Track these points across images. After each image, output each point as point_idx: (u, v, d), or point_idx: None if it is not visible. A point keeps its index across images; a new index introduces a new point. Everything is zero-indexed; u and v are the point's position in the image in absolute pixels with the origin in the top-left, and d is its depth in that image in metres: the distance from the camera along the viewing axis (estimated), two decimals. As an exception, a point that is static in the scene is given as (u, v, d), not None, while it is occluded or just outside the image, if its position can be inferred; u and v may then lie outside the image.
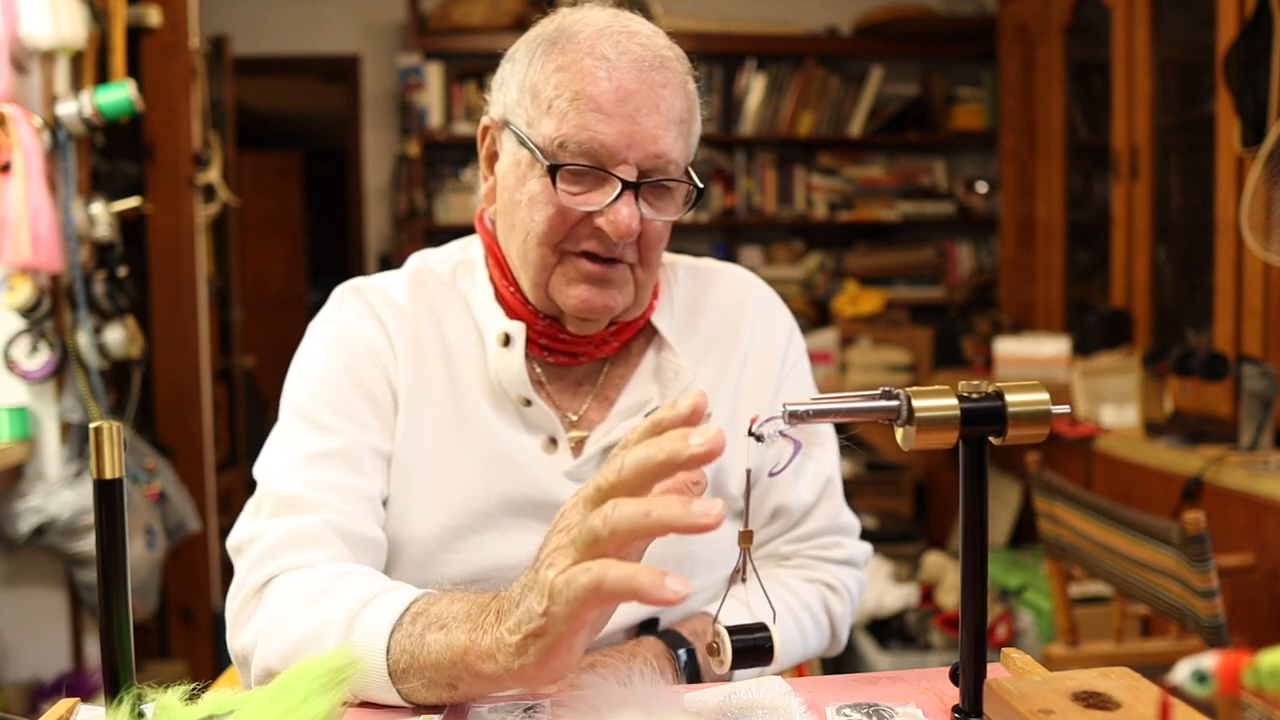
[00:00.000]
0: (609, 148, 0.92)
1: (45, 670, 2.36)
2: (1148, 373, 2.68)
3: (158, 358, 2.95)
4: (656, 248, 0.99)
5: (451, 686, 0.74)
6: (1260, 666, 0.45)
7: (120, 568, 0.70)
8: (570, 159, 0.93)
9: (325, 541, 0.92)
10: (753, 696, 0.77)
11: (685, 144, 0.98)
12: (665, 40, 0.98)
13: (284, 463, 0.97)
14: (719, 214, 4.40)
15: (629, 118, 0.92)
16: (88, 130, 2.21)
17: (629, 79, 0.92)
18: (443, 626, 0.74)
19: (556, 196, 0.94)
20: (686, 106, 0.97)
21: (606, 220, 0.93)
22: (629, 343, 1.09)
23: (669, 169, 0.95)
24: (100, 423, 0.68)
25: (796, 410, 0.67)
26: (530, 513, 1.01)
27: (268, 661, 0.85)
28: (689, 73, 1.00)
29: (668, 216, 0.98)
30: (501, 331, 1.01)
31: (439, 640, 0.73)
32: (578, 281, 0.97)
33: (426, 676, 0.75)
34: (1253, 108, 2.41)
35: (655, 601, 0.59)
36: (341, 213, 5.62)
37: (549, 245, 0.97)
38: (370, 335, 1.03)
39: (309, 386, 1.01)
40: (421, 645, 0.75)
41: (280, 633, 0.85)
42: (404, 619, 0.78)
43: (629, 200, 0.93)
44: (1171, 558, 1.80)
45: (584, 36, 0.93)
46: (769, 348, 1.12)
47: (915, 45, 4.37)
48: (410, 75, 4.16)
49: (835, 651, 1.15)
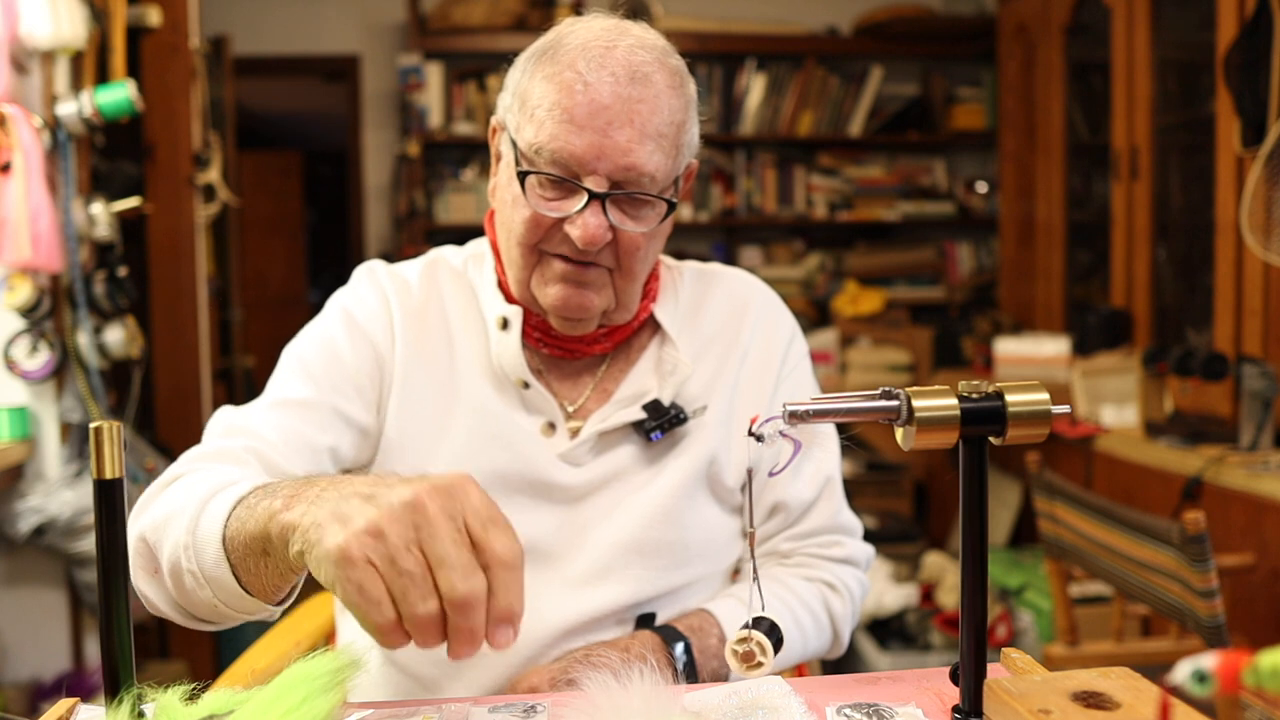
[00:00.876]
0: (578, 159, 0.96)
1: (45, 670, 2.36)
2: (1148, 373, 2.68)
3: (158, 358, 2.95)
4: (634, 255, 1.01)
5: (264, 554, 0.76)
6: (1260, 666, 0.45)
7: (120, 568, 0.70)
8: (543, 166, 0.97)
9: (244, 462, 0.95)
10: (753, 696, 0.77)
11: (664, 158, 0.98)
12: (653, 53, 0.99)
13: (254, 403, 1.04)
14: (719, 214, 4.40)
15: (600, 131, 0.95)
16: (88, 130, 2.21)
17: (603, 93, 0.95)
18: (272, 494, 0.76)
19: (530, 201, 0.99)
20: (668, 120, 0.98)
21: (574, 227, 0.97)
22: (631, 338, 1.12)
23: (642, 181, 0.97)
24: (100, 423, 0.68)
25: (796, 410, 0.67)
26: (524, 490, 1.04)
27: (140, 528, 0.88)
28: (679, 82, 1.01)
29: (641, 227, 1.00)
30: (500, 315, 1.06)
31: (265, 506, 0.75)
32: (554, 281, 1.01)
33: (246, 543, 0.77)
34: (1253, 108, 2.41)
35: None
36: (341, 213, 5.63)
37: (527, 245, 1.01)
38: (374, 308, 1.08)
39: (306, 342, 1.08)
40: (252, 512, 0.77)
41: (159, 505, 0.88)
42: (251, 494, 0.80)
43: (596, 210, 0.96)
44: (1171, 558, 1.80)
45: (569, 48, 0.97)
46: (769, 346, 1.14)
47: (915, 45, 4.37)
48: (410, 75, 4.16)
49: (837, 653, 1.15)
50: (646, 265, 1.04)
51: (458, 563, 0.63)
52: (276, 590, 0.80)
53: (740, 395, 1.11)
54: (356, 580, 0.62)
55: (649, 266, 1.06)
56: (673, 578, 1.06)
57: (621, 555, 1.04)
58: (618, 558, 1.04)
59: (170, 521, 0.85)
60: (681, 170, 1.04)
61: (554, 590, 1.03)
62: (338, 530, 0.64)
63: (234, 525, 0.79)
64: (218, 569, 0.80)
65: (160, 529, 0.86)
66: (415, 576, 0.62)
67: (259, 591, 0.80)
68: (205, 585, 0.81)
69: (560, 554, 1.04)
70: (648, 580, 1.04)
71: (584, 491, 1.05)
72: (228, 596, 0.81)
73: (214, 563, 0.80)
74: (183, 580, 0.82)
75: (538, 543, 1.03)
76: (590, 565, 1.04)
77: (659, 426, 1.05)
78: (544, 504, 1.05)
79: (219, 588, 0.81)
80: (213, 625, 0.89)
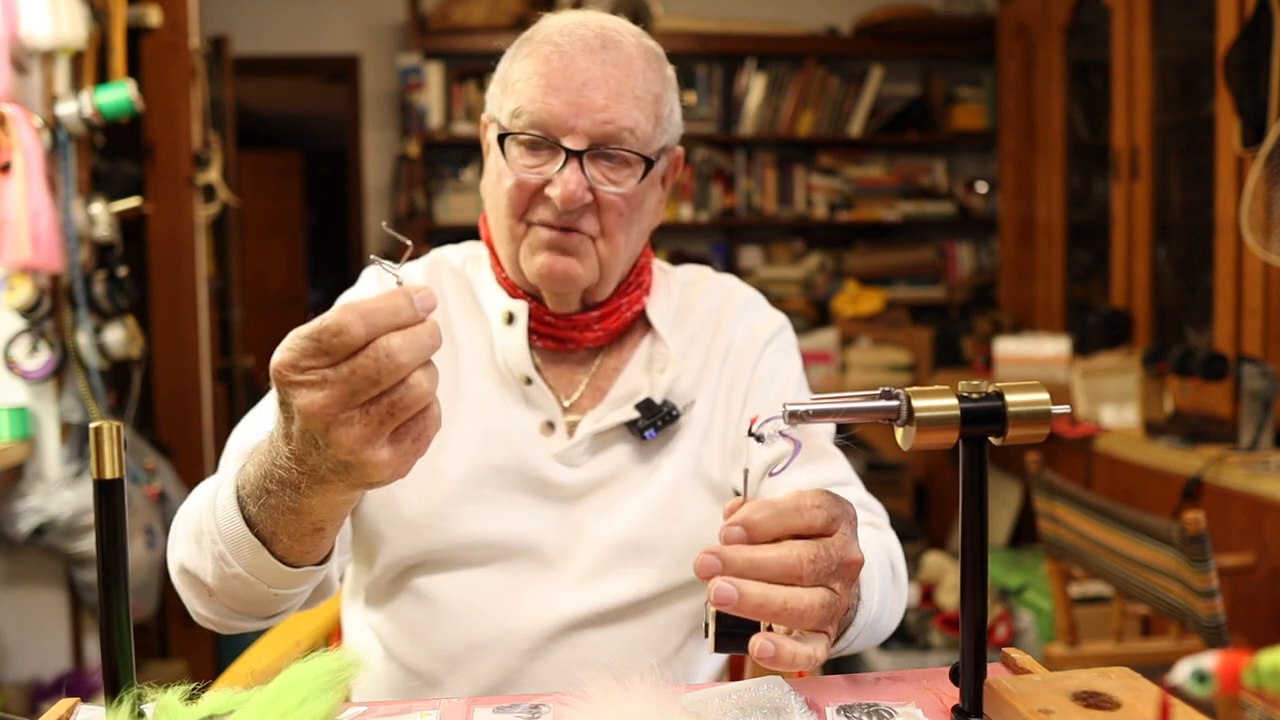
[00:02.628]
0: (557, 117, 0.98)
1: (45, 670, 2.36)
2: (1148, 373, 2.68)
3: (158, 358, 2.95)
4: (616, 220, 1.03)
5: (267, 492, 0.75)
6: (1260, 666, 0.45)
7: (120, 568, 0.70)
8: (522, 129, 1.00)
9: None
10: (753, 696, 0.77)
11: (643, 116, 1.01)
12: (627, 30, 1.04)
13: (264, 405, 1.05)
14: (719, 214, 4.40)
15: (576, 90, 0.98)
16: (88, 130, 2.21)
17: (578, 58, 0.99)
18: (247, 455, 0.79)
19: (512, 168, 1.01)
20: (645, 86, 1.02)
21: (553, 187, 0.99)
22: (624, 336, 1.12)
23: (622, 137, 1.00)
24: (100, 423, 0.68)
25: (796, 410, 0.67)
26: (521, 487, 1.05)
27: (178, 559, 0.89)
28: (652, 59, 1.04)
29: (620, 188, 1.02)
30: (506, 310, 1.07)
31: (247, 464, 0.78)
32: (539, 249, 1.03)
33: (253, 487, 0.76)
34: (1253, 108, 2.41)
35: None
36: (341, 213, 5.62)
37: (514, 216, 1.03)
38: None
39: None
40: (245, 475, 0.78)
41: (183, 532, 0.89)
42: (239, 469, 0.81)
43: (574, 168, 0.99)
44: (1171, 558, 1.80)
45: (545, 29, 1.03)
46: (752, 337, 1.14)
47: (915, 45, 4.37)
48: (410, 75, 4.16)
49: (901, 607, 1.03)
50: (629, 235, 1.05)
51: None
52: (310, 545, 0.79)
53: (723, 387, 1.11)
54: (309, 381, 0.65)
55: (632, 238, 1.06)
56: (671, 575, 1.06)
57: (620, 553, 1.04)
58: (616, 556, 1.04)
59: (199, 540, 0.85)
60: (663, 142, 1.05)
61: (553, 588, 1.03)
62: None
63: (246, 502, 0.79)
64: (256, 557, 0.79)
65: (193, 549, 0.86)
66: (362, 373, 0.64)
67: (297, 556, 0.80)
68: (255, 579, 0.81)
69: (558, 552, 1.04)
70: (646, 578, 1.05)
71: (580, 491, 1.06)
72: (276, 578, 0.81)
73: (251, 553, 0.79)
74: (233, 588, 0.82)
75: (535, 540, 1.04)
76: (589, 563, 1.04)
77: (652, 425, 1.05)
78: (541, 502, 1.05)
79: (264, 573, 0.80)
80: (283, 614, 0.90)
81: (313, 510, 0.75)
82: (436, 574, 1.04)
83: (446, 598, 1.03)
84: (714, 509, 1.09)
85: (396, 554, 1.04)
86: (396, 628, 1.06)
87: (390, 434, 0.67)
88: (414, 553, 1.03)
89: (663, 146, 1.06)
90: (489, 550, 1.03)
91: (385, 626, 1.07)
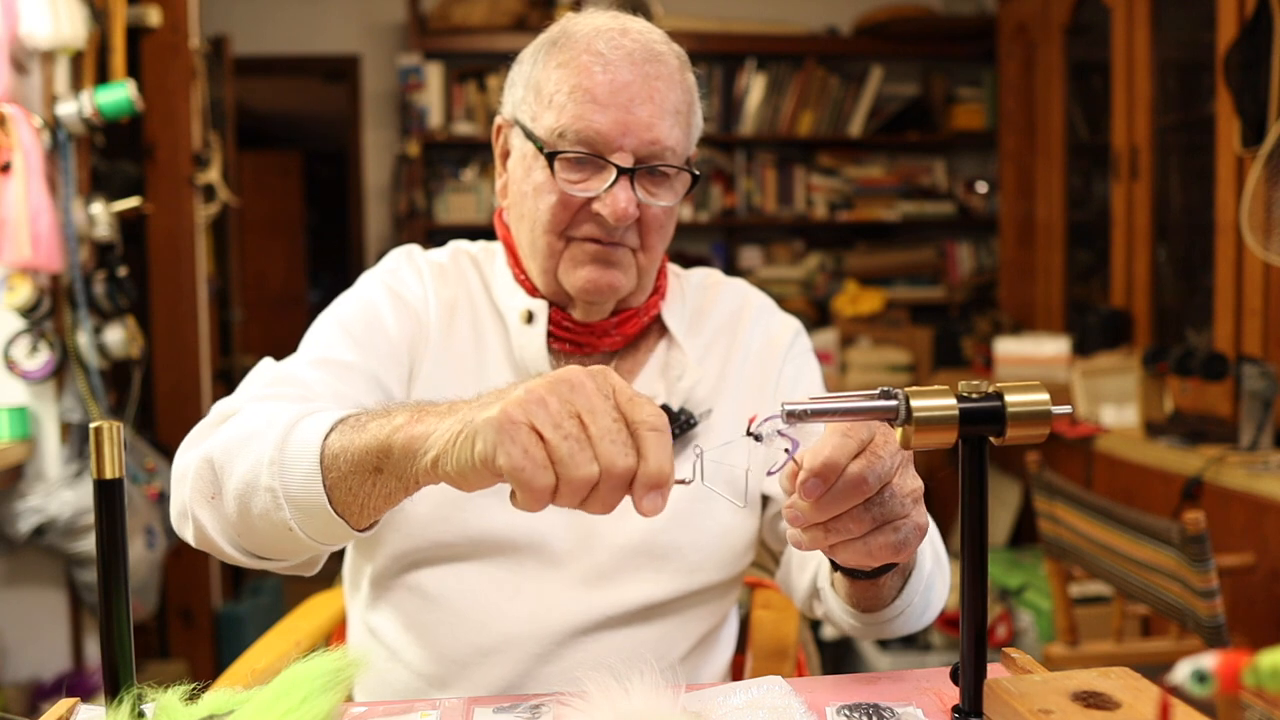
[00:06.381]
0: (604, 136, 0.98)
1: (45, 670, 2.36)
2: (1148, 373, 2.68)
3: (158, 358, 2.95)
4: (657, 233, 1.04)
5: (377, 470, 0.75)
6: (1260, 666, 0.45)
7: (120, 568, 0.70)
8: (568, 147, 0.99)
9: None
10: (753, 696, 0.77)
11: (682, 133, 1.02)
12: (661, 37, 1.04)
13: (299, 355, 1.02)
14: (719, 214, 4.40)
15: (623, 107, 0.98)
16: (88, 130, 2.21)
17: (623, 72, 0.98)
18: (387, 414, 0.76)
19: (558, 185, 1.00)
20: (683, 98, 1.03)
21: (604, 205, 0.99)
22: (639, 340, 1.13)
23: (665, 155, 1.01)
24: (100, 423, 0.68)
25: (795, 410, 0.67)
26: None
27: (205, 451, 0.85)
28: (685, 67, 1.05)
29: (665, 202, 1.03)
30: (525, 309, 1.07)
31: (379, 424, 0.75)
32: (584, 263, 1.03)
33: (354, 459, 0.75)
34: (1253, 108, 2.41)
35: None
36: (341, 213, 5.62)
37: (555, 232, 1.02)
38: (415, 289, 1.10)
39: (347, 308, 1.07)
40: (362, 430, 0.76)
41: (230, 429, 0.86)
42: (353, 416, 0.79)
43: (625, 186, 0.99)
44: (1171, 558, 1.80)
45: (581, 35, 1.00)
46: (770, 344, 1.15)
47: (915, 45, 4.37)
48: (410, 75, 4.16)
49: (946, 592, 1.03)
50: (664, 245, 1.08)
51: (618, 437, 0.65)
52: (375, 511, 0.78)
53: (743, 394, 1.11)
54: (522, 443, 0.63)
55: (665, 247, 1.08)
56: (682, 583, 1.05)
57: (631, 557, 1.04)
58: (627, 560, 1.04)
59: (249, 441, 0.82)
60: (692, 151, 1.07)
61: (562, 589, 1.03)
62: (495, 405, 0.65)
63: (337, 442, 0.77)
64: (307, 486, 0.77)
65: (233, 450, 0.83)
66: (580, 441, 0.64)
67: (352, 513, 0.78)
68: (284, 505, 0.78)
69: (569, 554, 1.04)
70: (656, 584, 1.04)
71: None
72: (309, 517, 0.78)
73: (304, 479, 0.77)
74: (253, 500, 0.79)
75: (546, 541, 1.03)
76: (599, 566, 1.04)
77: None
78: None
79: (300, 507, 0.78)
80: (264, 561, 0.86)
81: (404, 495, 0.76)
82: (440, 567, 1.03)
83: (452, 596, 1.03)
84: (731, 517, 1.08)
85: (404, 545, 1.03)
86: (402, 629, 1.05)
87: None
88: (422, 544, 1.02)
89: (691, 154, 1.07)
90: (496, 545, 1.02)
91: (390, 628, 1.06)
